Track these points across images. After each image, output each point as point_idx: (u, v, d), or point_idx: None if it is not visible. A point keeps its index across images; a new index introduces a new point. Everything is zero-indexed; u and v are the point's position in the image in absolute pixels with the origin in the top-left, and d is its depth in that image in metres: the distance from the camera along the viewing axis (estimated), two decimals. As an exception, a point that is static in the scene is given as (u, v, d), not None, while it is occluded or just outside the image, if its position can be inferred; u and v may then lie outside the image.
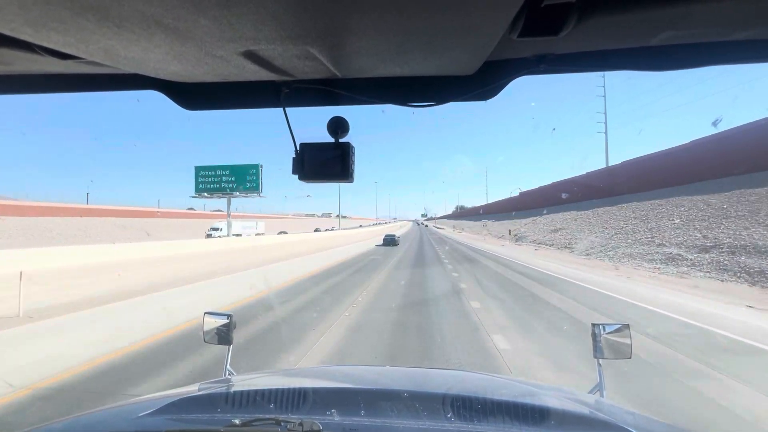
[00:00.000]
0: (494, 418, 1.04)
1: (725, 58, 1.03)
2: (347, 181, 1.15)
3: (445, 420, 0.99)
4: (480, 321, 6.78)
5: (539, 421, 1.03)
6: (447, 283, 11.45)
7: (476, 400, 1.18)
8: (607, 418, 1.15)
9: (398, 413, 1.03)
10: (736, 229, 13.80)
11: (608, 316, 7.21)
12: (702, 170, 20.37)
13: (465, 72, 1.07)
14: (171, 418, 1.07)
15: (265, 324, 6.65)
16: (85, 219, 40.79)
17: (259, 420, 0.91)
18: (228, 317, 1.69)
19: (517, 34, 0.84)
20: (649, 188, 24.31)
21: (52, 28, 0.73)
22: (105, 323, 6.87)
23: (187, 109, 1.22)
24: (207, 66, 0.96)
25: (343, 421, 0.95)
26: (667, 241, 16.10)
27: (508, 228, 39.41)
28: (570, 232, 26.75)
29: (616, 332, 1.50)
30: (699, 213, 17.25)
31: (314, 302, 8.60)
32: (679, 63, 1.04)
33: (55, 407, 3.53)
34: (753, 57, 1.03)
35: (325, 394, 1.27)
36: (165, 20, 0.71)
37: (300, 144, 1.15)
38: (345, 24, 0.77)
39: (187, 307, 7.72)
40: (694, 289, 10.08)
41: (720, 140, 20.23)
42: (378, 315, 7.40)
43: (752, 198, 15.50)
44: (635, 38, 0.97)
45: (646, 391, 3.90)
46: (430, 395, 1.27)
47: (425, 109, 1.19)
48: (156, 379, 4.23)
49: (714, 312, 7.49)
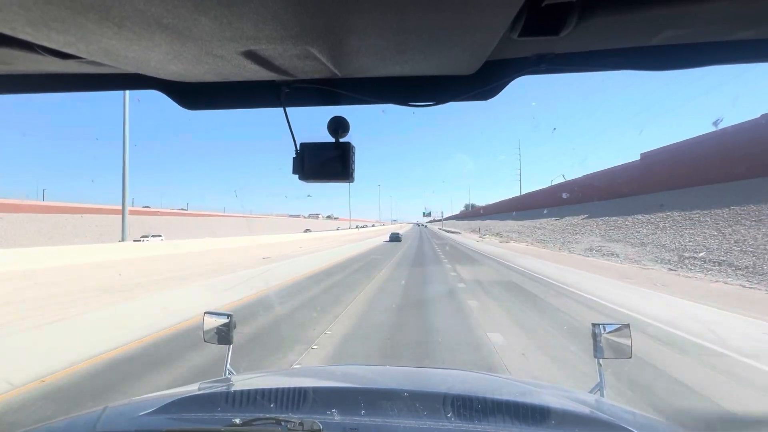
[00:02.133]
0: (494, 418, 1.04)
1: (725, 58, 1.03)
2: (347, 181, 1.16)
3: (445, 419, 0.99)
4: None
5: (540, 420, 1.03)
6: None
7: (476, 400, 1.18)
8: (607, 418, 1.15)
9: (398, 413, 1.03)
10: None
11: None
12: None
13: (465, 72, 1.07)
14: (171, 418, 1.07)
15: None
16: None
17: (260, 419, 0.91)
18: (228, 317, 1.70)
19: (517, 33, 0.84)
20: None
21: (53, 28, 0.73)
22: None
23: (187, 109, 1.22)
24: (207, 65, 0.96)
25: (344, 420, 0.95)
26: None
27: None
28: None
29: (616, 332, 1.50)
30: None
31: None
32: (679, 63, 1.04)
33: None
34: (753, 57, 1.03)
35: (326, 393, 1.27)
36: (165, 20, 0.71)
37: (300, 144, 1.15)
38: (345, 23, 0.77)
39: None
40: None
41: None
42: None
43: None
44: (635, 38, 0.97)
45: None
46: (430, 395, 1.27)
47: (427, 108, 1.19)
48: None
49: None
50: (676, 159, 24.28)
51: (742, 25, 0.88)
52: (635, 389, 3.81)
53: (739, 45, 0.99)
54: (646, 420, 1.23)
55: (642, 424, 1.17)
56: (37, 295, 9.06)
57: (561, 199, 37.67)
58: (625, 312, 7.47)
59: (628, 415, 1.25)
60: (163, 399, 1.22)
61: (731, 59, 1.04)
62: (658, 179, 25.48)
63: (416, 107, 1.17)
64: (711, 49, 1.01)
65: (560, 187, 41.51)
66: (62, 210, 41.11)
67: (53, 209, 40.38)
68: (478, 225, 62.17)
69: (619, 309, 7.75)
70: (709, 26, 0.89)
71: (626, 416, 1.24)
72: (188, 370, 4.58)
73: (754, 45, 0.98)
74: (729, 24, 0.88)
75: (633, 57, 1.04)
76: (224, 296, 9.35)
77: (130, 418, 1.08)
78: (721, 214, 17.52)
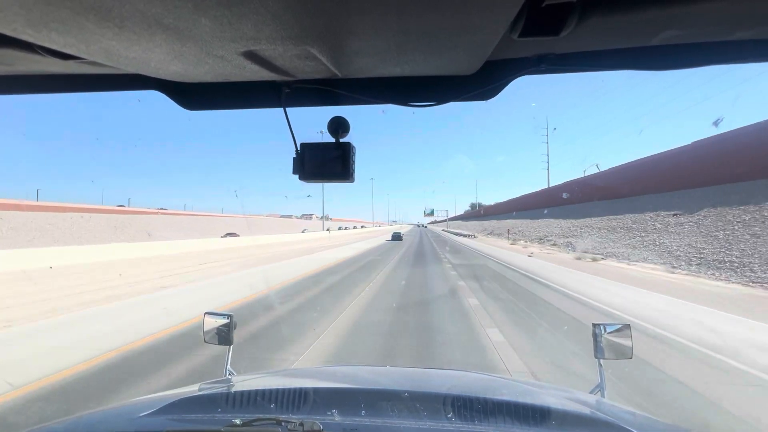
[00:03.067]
0: (495, 418, 1.04)
1: (725, 58, 1.03)
2: (348, 181, 1.16)
3: (445, 420, 0.99)
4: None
5: (540, 421, 1.03)
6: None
7: (477, 400, 1.18)
8: (608, 418, 1.15)
9: (399, 413, 1.03)
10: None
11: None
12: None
13: (465, 72, 1.07)
14: (171, 418, 1.07)
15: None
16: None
17: (260, 420, 0.91)
18: (228, 317, 1.69)
19: (517, 34, 0.84)
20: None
21: (53, 29, 0.73)
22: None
23: (187, 109, 1.22)
24: (207, 66, 0.96)
25: (344, 421, 0.95)
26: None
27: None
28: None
29: (617, 332, 1.49)
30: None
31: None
32: (679, 63, 1.04)
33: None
34: (753, 57, 1.03)
35: (326, 394, 1.27)
36: (165, 20, 0.71)
37: (300, 144, 1.15)
38: (345, 24, 0.77)
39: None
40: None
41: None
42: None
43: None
44: (635, 38, 0.97)
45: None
46: (430, 395, 1.26)
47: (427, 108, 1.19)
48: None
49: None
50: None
51: (742, 25, 0.88)
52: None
53: (739, 45, 0.99)
54: (647, 420, 1.23)
55: (642, 424, 1.17)
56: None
57: (595, 191, 28.58)
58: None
59: (628, 416, 1.25)
60: (163, 400, 1.22)
61: (731, 59, 1.04)
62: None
63: (416, 107, 1.17)
64: (711, 49, 1.01)
65: (599, 177, 30.61)
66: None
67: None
68: (492, 225, 49.39)
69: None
70: (709, 26, 0.89)
71: (627, 417, 1.23)
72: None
73: (754, 45, 0.98)
74: (729, 24, 0.88)
75: (633, 57, 1.04)
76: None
77: (130, 419, 1.08)
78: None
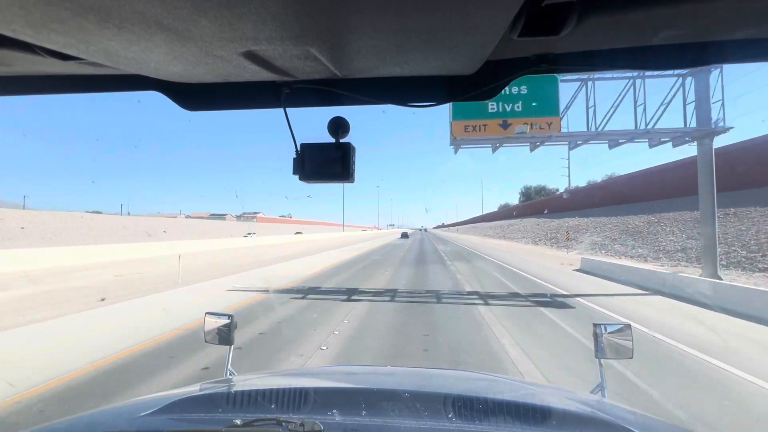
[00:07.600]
0: (495, 418, 1.04)
1: (725, 58, 1.03)
2: (348, 182, 1.15)
3: (446, 420, 0.99)
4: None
5: (541, 421, 1.03)
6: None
7: (477, 400, 1.18)
8: (608, 418, 1.15)
9: (399, 413, 1.03)
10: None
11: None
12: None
13: (465, 72, 1.06)
14: (172, 418, 1.07)
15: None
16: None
17: (261, 420, 0.91)
18: (229, 317, 1.69)
19: (517, 33, 0.84)
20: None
21: (53, 29, 0.73)
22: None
23: (187, 110, 1.22)
24: (207, 66, 0.96)
25: (345, 421, 0.95)
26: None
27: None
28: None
29: (617, 332, 1.49)
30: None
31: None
32: (679, 63, 1.04)
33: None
34: (753, 57, 1.03)
35: (326, 394, 1.27)
36: (165, 21, 0.71)
37: (300, 144, 1.15)
38: (345, 24, 0.77)
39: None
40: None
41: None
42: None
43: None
44: (635, 38, 0.97)
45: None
46: (431, 395, 1.26)
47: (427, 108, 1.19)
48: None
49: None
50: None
51: (742, 25, 0.88)
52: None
53: (739, 45, 0.99)
54: (648, 420, 1.23)
55: (643, 424, 1.17)
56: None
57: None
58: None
59: (629, 416, 1.25)
60: (164, 399, 1.22)
61: (731, 59, 1.04)
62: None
63: (416, 107, 1.17)
64: (711, 49, 1.01)
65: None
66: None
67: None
68: (556, 226, 33.41)
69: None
70: (709, 26, 0.89)
71: (627, 417, 1.23)
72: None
73: (754, 45, 0.98)
74: (729, 24, 0.88)
75: (633, 57, 1.04)
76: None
77: (131, 419, 1.08)
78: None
